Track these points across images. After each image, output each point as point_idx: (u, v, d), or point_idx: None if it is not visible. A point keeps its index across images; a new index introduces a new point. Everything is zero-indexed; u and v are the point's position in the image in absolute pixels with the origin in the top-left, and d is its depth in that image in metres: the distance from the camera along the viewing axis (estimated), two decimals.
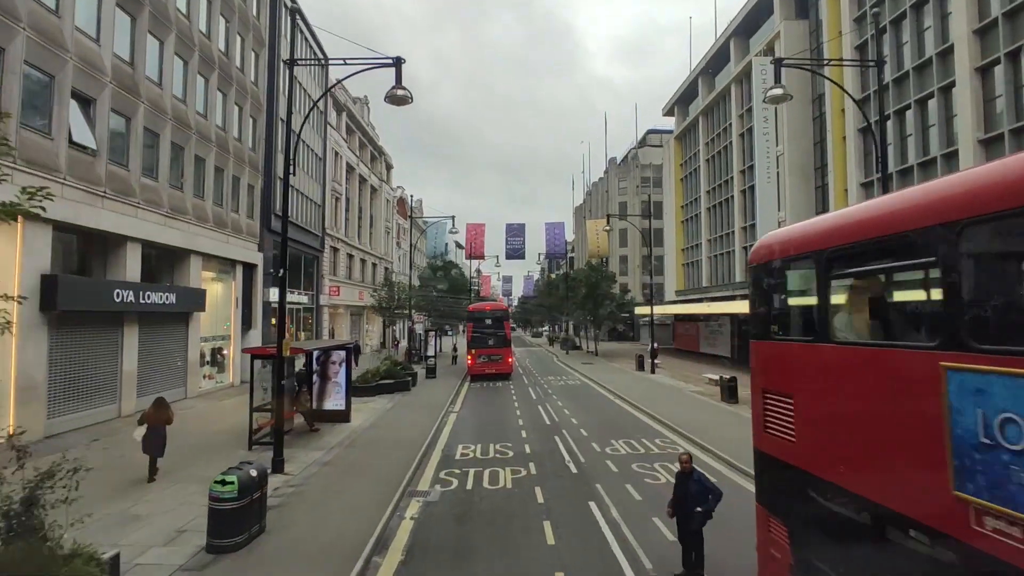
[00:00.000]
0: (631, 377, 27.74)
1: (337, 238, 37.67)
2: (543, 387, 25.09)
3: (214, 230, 20.90)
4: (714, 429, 14.63)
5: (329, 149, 36.06)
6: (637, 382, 25.47)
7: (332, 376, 16.06)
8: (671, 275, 48.39)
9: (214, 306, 21.56)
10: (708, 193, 41.07)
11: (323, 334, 34.78)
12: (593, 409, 19.02)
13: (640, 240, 67.03)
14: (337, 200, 38.23)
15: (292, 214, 28.67)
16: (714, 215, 40.16)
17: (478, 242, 49.65)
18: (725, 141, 37.83)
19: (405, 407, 19.31)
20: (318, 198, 33.53)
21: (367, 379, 21.70)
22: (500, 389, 24.66)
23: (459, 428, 16.08)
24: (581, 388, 24.76)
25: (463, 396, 22.63)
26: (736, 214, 35.53)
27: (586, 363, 36.11)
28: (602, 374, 29.09)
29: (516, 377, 29.04)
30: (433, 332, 41.39)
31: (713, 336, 38.72)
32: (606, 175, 72.15)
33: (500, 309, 30.25)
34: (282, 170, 28.36)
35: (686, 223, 46.35)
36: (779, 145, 29.53)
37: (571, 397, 21.94)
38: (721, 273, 38.82)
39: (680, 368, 32.35)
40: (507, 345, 28.37)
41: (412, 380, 24.30)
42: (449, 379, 27.68)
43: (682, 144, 47.40)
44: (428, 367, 28.29)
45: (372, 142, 47.52)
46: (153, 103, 17.27)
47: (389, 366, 23.22)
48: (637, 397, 20.57)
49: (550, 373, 31.28)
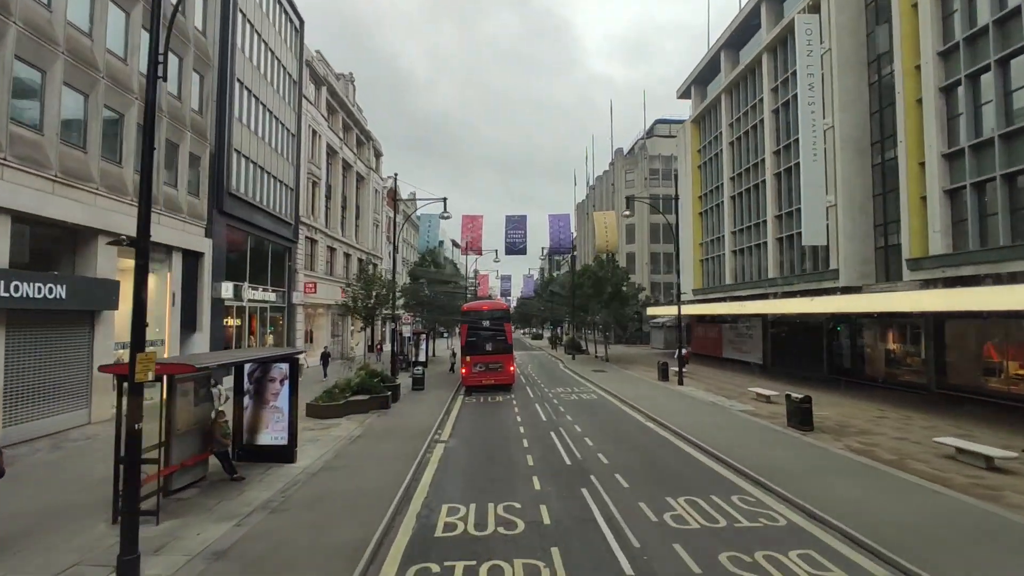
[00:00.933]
0: (656, 389, 23.31)
1: (315, 228, 33.20)
2: (552, 403, 20.66)
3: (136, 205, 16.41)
4: (812, 480, 10.21)
5: (305, 126, 31.63)
6: (667, 397, 21.05)
7: (270, 399, 11.60)
8: (687, 272, 43.99)
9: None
10: (732, 180, 36.71)
11: (296, 338, 30.32)
12: (624, 439, 14.58)
13: (648, 236, 62.83)
14: (315, 185, 33.78)
15: (254, 194, 24.26)
16: (740, 204, 35.79)
17: (475, 235, 45.23)
18: (754, 119, 33.48)
19: (378, 434, 14.87)
20: (290, 180, 29.07)
21: (334, 396, 17.24)
22: (500, 406, 20.23)
23: (446, 471, 11.63)
24: (600, 405, 20.33)
25: (455, 416, 18.19)
26: (768, 201, 31.17)
27: (597, 370, 31.68)
28: (620, 385, 24.66)
29: (518, 388, 24.60)
30: (425, 334, 37.00)
31: (740, 340, 34.33)
32: (612, 167, 67.85)
33: (500, 308, 25.88)
34: (238, 140, 24.02)
35: (705, 215, 41.99)
36: (827, 117, 25.19)
37: (591, 418, 17.51)
38: (749, 269, 34.45)
39: (708, 378, 27.91)
40: (508, 351, 23.95)
41: (394, 394, 19.88)
42: (440, 391, 23.25)
43: (700, 128, 43.05)
44: (415, 376, 23.85)
45: (358, 124, 43.10)
46: (30, 23, 12.81)
47: (363, 378, 18.77)
48: (676, 420, 16.15)
49: (558, 383, 26.85)
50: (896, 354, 22.45)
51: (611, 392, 22.75)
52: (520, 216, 45.53)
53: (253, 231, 24.73)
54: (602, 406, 19.93)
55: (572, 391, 23.90)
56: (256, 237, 25.36)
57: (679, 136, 47.01)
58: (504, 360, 23.73)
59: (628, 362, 37.31)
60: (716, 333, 38.29)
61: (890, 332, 22.95)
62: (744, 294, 34.19)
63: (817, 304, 22.72)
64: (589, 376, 29.04)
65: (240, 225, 23.41)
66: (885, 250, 23.34)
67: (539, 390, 24.35)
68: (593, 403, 20.59)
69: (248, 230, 24.27)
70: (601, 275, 36.75)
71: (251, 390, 11.60)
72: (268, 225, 26.11)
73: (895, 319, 22.26)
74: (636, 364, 36.09)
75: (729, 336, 36.05)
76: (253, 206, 24.32)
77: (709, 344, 39.60)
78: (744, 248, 35.02)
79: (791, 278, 28.86)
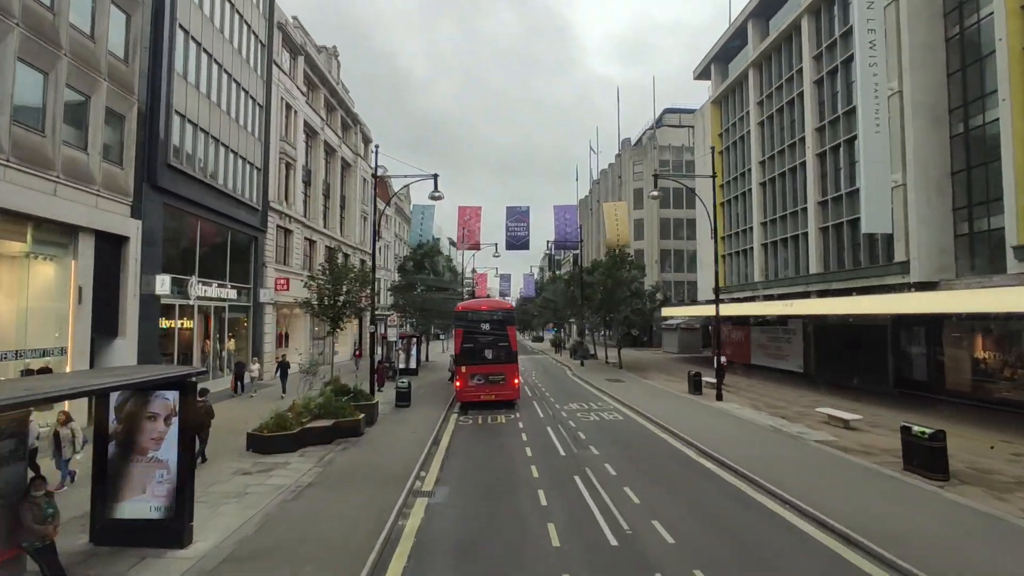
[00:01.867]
0: (692, 407, 19.17)
1: (290, 216, 29.01)
2: (568, 426, 16.51)
3: (22, 169, 12.26)
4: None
5: (277, 98, 27.46)
6: (711, 418, 16.90)
7: (149, 446, 7.42)
8: (708, 269, 39.88)
9: (24, 301, 12.93)
10: (763, 164, 32.64)
11: (265, 343, 26.12)
12: (680, 488, 10.42)
13: (658, 232, 58.76)
14: (289, 168, 29.60)
15: (206, 170, 20.09)
16: (772, 191, 31.72)
17: (472, 228, 41.04)
18: (791, 94, 29.42)
19: (338, 479, 10.73)
20: (257, 159, 24.89)
21: (285, 422, 13.05)
22: (503, 430, 16.07)
23: (426, 560, 7.48)
24: (629, 430, 16.18)
25: (445, 446, 14.03)
26: (811, 185, 27.09)
27: (613, 380, 27.52)
28: (646, 400, 20.50)
29: (524, 405, 20.45)
30: (416, 338, 32.82)
31: (775, 345, 30.23)
32: (619, 159, 63.80)
33: (502, 308, 21.72)
34: (181, 101, 19.83)
35: (728, 205, 37.90)
36: (892, 81, 21.13)
37: (623, 452, 13.35)
38: (784, 264, 30.36)
39: (745, 389, 23.75)
40: (513, 360, 19.78)
41: (369, 416, 15.73)
42: (429, 407, 19.10)
43: (722, 109, 38.98)
44: (399, 390, 19.69)
45: (343, 105, 38.92)
46: None
47: (328, 396, 14.58)
48: (740, 456, 12.01)
49: (570, 396, 22.69)
50: (989, 364, 18.36)
51: (638, 410, 18.60)
52: (522, 208, 41.29)
53: (206, 215, 20.54)
54: (633, 432, 15.76)
55: (589, 408, 19.74)
56: (211, 223, 21.18)
57: (697, 120, 42.96)
58: (507, 371, 19.57)
59: (643, 369, 33.17)
60: (742, 336, 34.18)
61: (980, 337, 18.87)
62: (777, 292, 30.11)
63: (893, 303, 18.61)
64: (604, 387, 24.89)
65: (186, 207, 19.23)
66: (970, 237, 19.24)
67: (549, 406, 20.20)
68: (619, 427, 16.42)
69: (199, 214, 20.09)
70: (619, 273, 32.56)
71: (117, 432, 7.42)
72: (227, 209, 21.92)
73: (989, 321, 18.18)
74: (653, 371, 31.95)
75: (760, 340, 31.95)
76: (205, 185, 20.14)
77: (733, 349, 35.47)
78: (777, 241, 30.94)
79: (840, 274, 24.76)
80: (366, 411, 15.76)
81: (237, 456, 12.33)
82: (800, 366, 27.22)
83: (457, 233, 40.52)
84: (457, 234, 40.58)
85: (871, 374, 22.65)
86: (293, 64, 30.51)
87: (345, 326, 18.40)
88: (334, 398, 14.75)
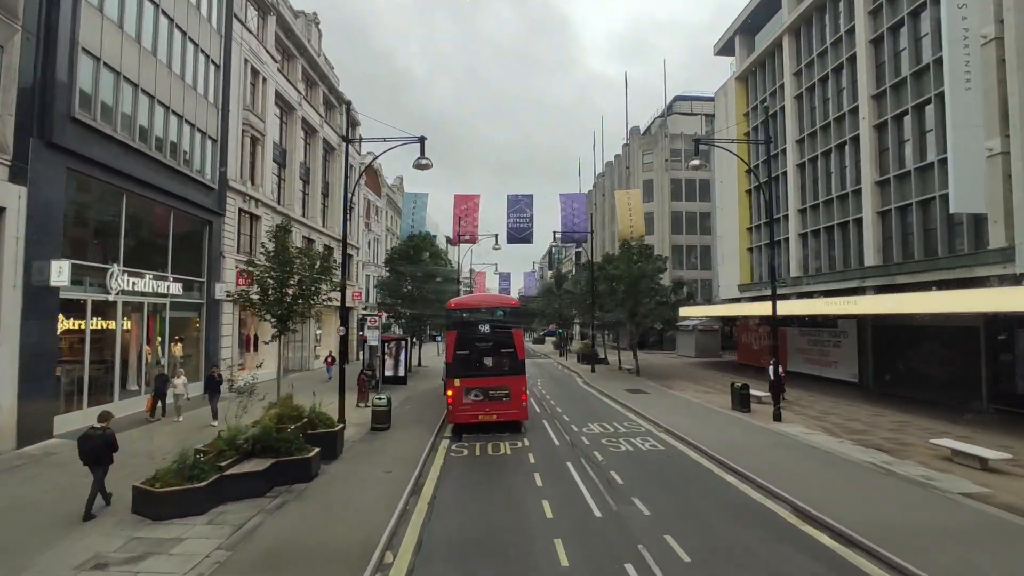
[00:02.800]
0: (750, 431, 15.11)
1: (255, 199, 24.92)
2: (595, 460, 12.43)
3: None
4: None
5: (239, 59, 23.38)
6: (784, 451, 12.83)
7: None
8: (731, 264, 35.93)
9: None
10: (801, 142, 28.63)
11: (223, 347, 22.00)
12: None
13: (670, 226, 54.74)
14: (256, 143, 25.51)
15: (135, 132, 16.00)
16: (813, 172, 27.72)
17: (470, 219, 37.01)
18: (839, 58, 25.43)
19: (251, 572, 6.67)
20: (211, 127, 20.81)
21: (193, 468, 8.91)
22: (509, 469, 11.99)
23: None
24: (679, 468, 12.12)
25: (428, 503, 9.91)
26: (867, 162, 23.08)
27: (633, 390, 23.45)
28: (685, 421, 16.44)
29: (533, 427, 16.37)
30: (404, 341, 28.68)
31: (819, 349, 26.18)
32: (627, 149, 59.79)
33: (505, 305, 17.60)
34: (93, 38, 15.57)
35: (755, 192, 33.90)
36: (985, 27, 17.15)
37: (684, 509, 9.28)
38: (830, 256, 26.35)
39: (800, 406, 19.68)
40: (519, 371, 15.69)
41: (327, 449, 11.68)
42: (413, 431, 15.03)
43: (748, 86, 34.99)
44: (376, 409, 15.61)
45: (325, 80, 34.84)
46: None
47: (266, 426, 10.48)
48: (866, 523, 7.96)
49: (589, 414, 18.62)
50: None
51: (679, 435, 14.53)
52: (525, 196, 37.26)
53: (136, 189, 16.46)
54: (685, 471, 11.68)
55: (616, 431, 15.66)
56: (144, 199, 17.10)
57: (718, 100, 38.94)
58: (512, 384, 15.49)
59: (664, 376, 29.10)
60: None
61: None
62: (819, 289, 26.10)
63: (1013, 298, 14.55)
64: (626, 400, 20.83)
65: (105, 176, 15.16)
66: None
67: (564, 428, 16.12)
68: (663, 463, 12.33)
69: (125, 186, 16.00)
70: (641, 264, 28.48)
71: None
72: (168, 184, 17.85)
73: None
74: (676, 379, 27.89)
75: (799, 344, 27.90)
76: (133, 150, 16.06)
77: (762, 353, 31.42)
78: (820, 229, 26.92)
79: (909, 265, 20.75)
80: (324, 443, 11.70)
81: (112, 523, 8.24)
82: (854, 375, 23.19)
83: (453, 225, 36.47)
84: (453, 226, 36.52)
85: (956, 387, 18.63)
86: (262, 24, 26.44)
87: (297, 327, 13.95)
88: (275, 427, 10.64)
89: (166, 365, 18.24)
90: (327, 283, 14.27)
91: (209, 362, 21.06)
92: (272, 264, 13.76)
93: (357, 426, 16.05)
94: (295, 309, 13.73)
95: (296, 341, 32.13)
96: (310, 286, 13.97)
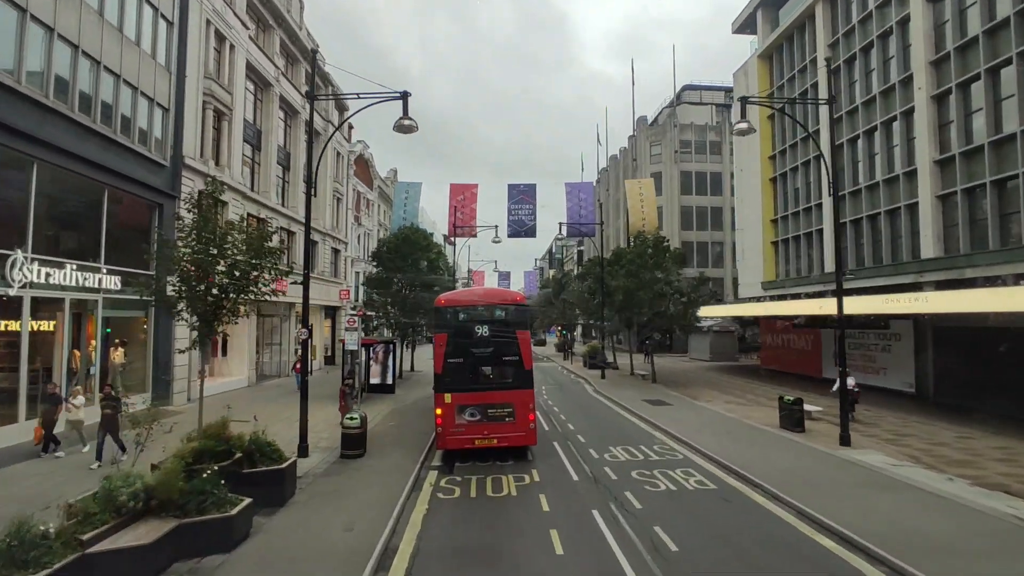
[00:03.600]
0: (821, 461, 12.00)
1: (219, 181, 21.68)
2: (632, 509, 9.28)
3: None
4: None
5: (200, 20, 20.24)
6: (881, 493, 9.70)
7: None
8: (753, 260, 32.88)
9: None
10: (839, 120, 25.54)
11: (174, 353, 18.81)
12: None
13: (680, 221, 51.70)
14: (222, 118, 22.37)
15: (47, 88, 12.90)
16: (852, 154, 24.69)
17: (467, 211, 33.94)
18: (885, 23, 22.39)
19: None
20: (161, 94, 17.71)
21: (36, 547, 5.77)
22: (514, 521, 8.85)
23: None
24: (746, 522, 8.98)
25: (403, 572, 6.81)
26: (922, 138, 20.05)
27: (653, 401, 20.34)
28: (730, 445, 13.32)
29: (543, 450, 13.25)
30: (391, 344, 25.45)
31: (865, 355, 23.05)
32: (633, 140, 56.75)
33: (509, 302, 14.33)
34: None
35: (781, 180, 30.86)
36: None
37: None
38: (874, 248, 23.30)
39: (864, 424, 16.54)
40: (526, 383, 12.56)
41: (271, 493, 8.59)
42: (393, 458, 11.93)
43: (772, 64, 31.96)
44: (346, 431, 12.46)
45: (307, 57, 31.61)
46: None
47: (167, 470, 7.33)
48: None
49: (609, 433, 15.48)
50: None
51: (731, 467, 11.40)
52: (527, 185, 34.23)
53: (51, 158, 13.33)
54: (759, 528, 8.51)
55: (647, 458, 12.54)
56: (64, 172, 13.97)
57: (737, 81, 35.88)
58: (517, 401, 12.37)
59: (683, 383, 25.99)
60: (808, 342, 27.05)
61: None
62: (862, 285, 23.05)
63: None
64: (648, 414, 17.72)
65: (4, 138, 12.03)
66: None
67: (582, 455, 13.00)
68: (725, 512, 9.20)
69: (33, 153, 12.87)
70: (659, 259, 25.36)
71: None
72: (99, 155, 14.75)
73: None
74: (698, 387, 24.78)
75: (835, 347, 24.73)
76: (46, 109, 12.95)
77: (793, 357, 28.42)
78: (862, 218, 23.88)
79: (982, 256, 17.67)
80: (267, 484, 8.61)
81: None
82: (909, 384, 20.10)
83: (449, 216, 33.37)
84: (449, 217, 33.42)
85: None
86: None
87: (226, 327, 10.35)
88: (187, 469, 7.51)
89: (129, 371, 15.10)
90: (271, 269, 10.84)
91: (159, 369, 17.97)
92: (191, 244, 10.29)
93: (325, 451, 12.97)
94: (224, 305, 10.43)
95: (273, 344, 29.03)
96: (247, 273, 10.58)
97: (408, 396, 22.39)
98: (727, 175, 51.84)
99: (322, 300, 33.38)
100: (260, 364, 26.38)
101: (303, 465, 11.68)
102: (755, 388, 24.59)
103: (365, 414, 13.29)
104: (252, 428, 9.64)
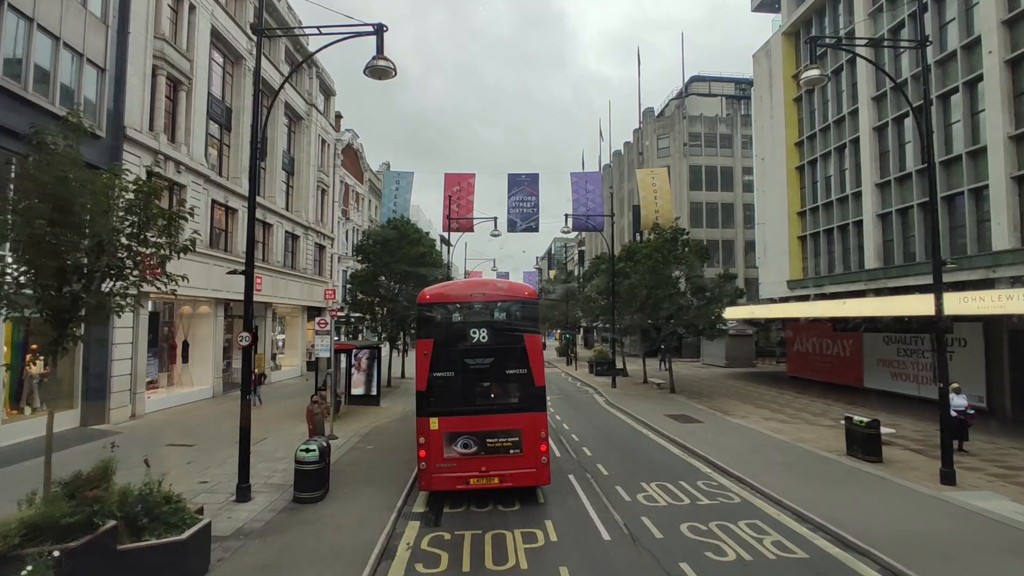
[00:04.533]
0: (934, 510, 9.05)
1: (175, 160, 18.73)
2: None
3: None
4: None
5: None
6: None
7: None
8: (776, 256, 30.01)
9: None
10: (882, 98, 22.75)
11: (113, 361, 15.78)
12: None
13: (689, 217, 48.80)
14: (178, 87, 19.39)
15: None
16: (899, 134, 21.85)
17: (464, 203, 31.03)
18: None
19: None
20: (95, 51, 14.76)
21: None
22: None
23: None
24: None
25: None
26: (993, 112, 17.18)
27: (678, 416, 17.37)
28: (802, 485, 10.38)
29: (557, 491, 10.26)
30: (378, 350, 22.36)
31: (916, 362, 20.11)
32: (639, 133, 53.98)
33: (515, 297, 11.31)
34: None
35: (808, 168, 28.02)
36: None
37: None
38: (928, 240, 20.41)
39: (924, 450, 13.57)
40: (536, 405, 9.60)
41: (182, 565, 5.57)
42: (362, 500, 8.95)
43: (798, 43, 29.16)
44: (300, 466, 9.45)
45: (288, 30, 28.71)
46: None
47: None
48: None
49: (638, 465, 12.47)
50: None
51: (815, 520, 8.46)
52: (529, 175, 31.33)
53: None
54: None
55: (695, 503, 9.57)
56: None
57: (757, 63, 33.03)
58: (524, 427, 9.41)
59: (704, 393, 23.05)
60: (845, 348, 24.15)
61: None
62: (913, 284, 20.17)
63: None
64: (677, 435, 14.76)
65: None
66: None
67: (609, 496, 10.00)
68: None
69: None
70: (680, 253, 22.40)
71: None
72: (4, 117, 11.77)
73: None
74: (722, 397, 21.85)
75: (881, 354, 21.86)
76: None
77: (826, 364, 25.51)
78: (913, 206, 21.01)
79: None
80: (161, 561, 5.62)
81: None
82: (980, 398, 17.14)
83: (443, 207, 30.41)
84: (443, 209, 30.46)
85: None
86: None
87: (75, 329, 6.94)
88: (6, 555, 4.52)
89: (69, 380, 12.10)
90: (167, 246, 7.39)
91: (91, 380, 14.95)
92: (26, 214, 6.35)
93: (277, 489, 10.02)
94: (83, 298, 7.05)
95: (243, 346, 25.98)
96: (116, 252, 7.16)
97: (393, 409, 19.46)
98: (739, 170, 49.14)
99: (304, 300, 30.42)
100: (229, 372, 23.35)
101: (238, 515, 8.73)
102: (791, 400, 21.67)
103: (327, 444, 10.29)
104: (144, 478, 6.65)
